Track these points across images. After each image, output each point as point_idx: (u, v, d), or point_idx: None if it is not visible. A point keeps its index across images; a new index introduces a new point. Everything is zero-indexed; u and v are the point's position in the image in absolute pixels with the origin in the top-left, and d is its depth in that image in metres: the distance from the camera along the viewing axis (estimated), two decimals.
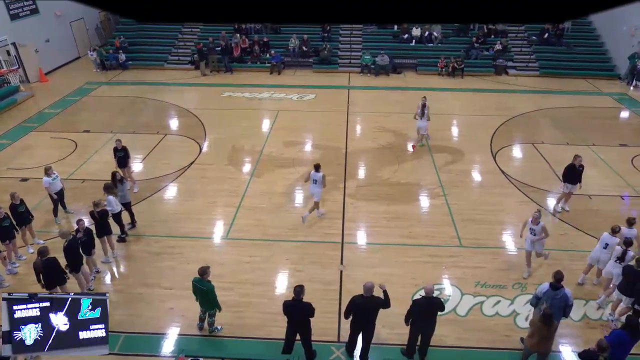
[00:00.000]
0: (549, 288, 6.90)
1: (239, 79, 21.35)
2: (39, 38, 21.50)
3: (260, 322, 7.96)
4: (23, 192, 10.30)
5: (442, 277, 9.05)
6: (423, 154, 14.08)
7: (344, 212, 11.04)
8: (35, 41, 21.15)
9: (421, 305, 6.78)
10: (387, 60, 21.94)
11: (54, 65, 22.82)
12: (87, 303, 5.43)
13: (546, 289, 6.93)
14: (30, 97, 19.01)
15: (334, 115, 17.06)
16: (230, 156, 13.87)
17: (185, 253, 9.69)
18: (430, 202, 11.63)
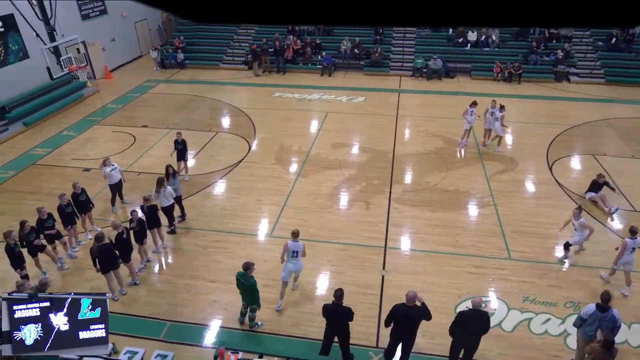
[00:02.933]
0: (596, 309, 6.50)
1: (290, 80, 21.66)
2: (105, 37, 22.83)
3: (299, 320, 8.02)
4: (85, 182, 10.98)
5: (488, 290, 8.73)
6: (473, 161, 13.66)
7: (388, 217, 10.92)
8: (103, 40, 22.48)
9: (467, 318, 6.56)
10: (440, 64, 21.49)
11: (118, 63, 24.14)
12: (87, 303, 5.40)
13: (592, 311, 6.55)
14: (95, 92, 20.22)
15: (383, 118, 16.92)
16: (277, 155, 14.09)
17: (230, 248, 9.94)
18: (479, 211, 11.26)
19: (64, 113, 17.97)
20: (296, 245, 8.02)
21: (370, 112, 17.67)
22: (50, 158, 14.35)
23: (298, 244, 8.02)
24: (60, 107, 18.16)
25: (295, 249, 8.02)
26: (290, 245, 8.01)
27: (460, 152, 14.27)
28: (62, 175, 13.18)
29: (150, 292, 8.90)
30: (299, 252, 8.06)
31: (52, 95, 18.44)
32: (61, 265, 9.44)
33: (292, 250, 8.01)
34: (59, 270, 9.40)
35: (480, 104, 14.33)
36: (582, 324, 6.71)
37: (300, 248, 8.04)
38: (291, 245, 8.01)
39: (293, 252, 8.02)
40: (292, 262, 8.07)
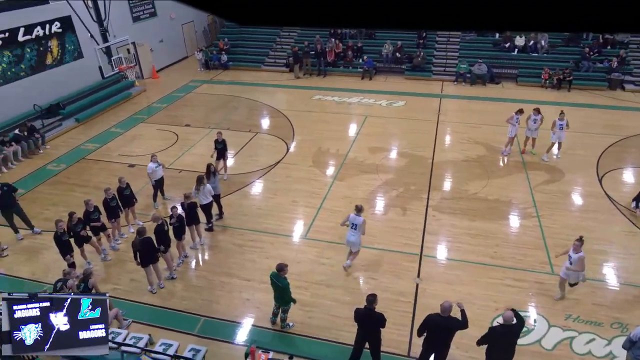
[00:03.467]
0: None
1: (330, 83, 21.73)
2: (154, 38, 23.73)
3: (330, 324, 8.01)
4: (129, 177, 11.44)
5: (528, 304, 8.40)
6: (516, 170, 13.21)
7: (425, 224, 10.73)
8: (151, 41, 23.38)
9: (498, 334, 6.35)
10: (485, 69, 20.95)
11: (165, 63, 25.03)
12: (87, 303, 5.43)
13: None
14: (142, 91, 21.04)
15: (423, 123, 16.67)
16: (315, 158, 14.16)
17: (265, 248, 10.07)
18: (521, 223, 10.87)
19: (112, 110, 18.80)
20: (356, 218, 8.67)
21: (410, 116, 17.46)
22: (99, 153, 15.05)
23: (358, 218, 8.66)
24: (110, 105, 19.01)
25: (354, 222, 8.70)
26: (350, 218, 8.77)
27: (503, 160, 13.85)
28: (109, 170, 13.79)
29: (187, 287, 9.15)
30: (358, 225, 8.65)
31: (102, 94, 19.35)
32: (104, 257, 9.87)
33: (352, 222, 8.74)
34: (102, 261, 9.83)
35: (526, 111, 13.86)
36: (631, 347, 6.36)
37: (359, 222, 8.63)
38: (351, 218, 8.74)
39: (352, 225, 8.75)
40: (350, 233, 8.83)
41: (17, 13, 15.93)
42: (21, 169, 14.09)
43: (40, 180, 13.37)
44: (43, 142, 15.49)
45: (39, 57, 17.17)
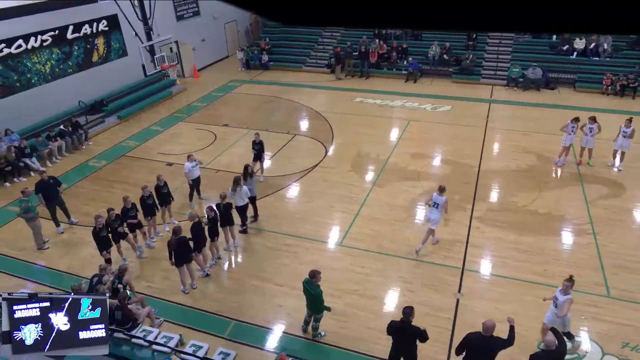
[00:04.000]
0: None
1: (373, 85, 21.65)
2: (196, 37, 24.49)
3: (363, 336, 7.95)
4: (167, 176, 11.82)
5: (580, 329, 8.02)
6: (571, 182, 12.67)
7: (468, 236, 10.47)
8: (193, 40, 24.14)
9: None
10: (540, 73, 20.25)
11: (206, 62, 25.75)
12: (87, 303, 5.51)
13: None
14: (183, 90, 21.73)
15: (470, 130, 16.29)
16: (354, 162, 14.13)
17: (299, 253, 10.13)
18: (574, 240, 10.40)
19: (153, 109, 19.52)
20: (438, 197, 9.59)
21: (456, 122, 17.12)
22: (139, 150, 15.66)
23: (441, 198, 9.55)
24: (151, 103, 19.76)
25: (437, 201, 9.62)
26: (433, 197, 9.71)
27: (557, 172, 13.31)
28: (148, 167, 14.31)
29: (219, 289, 9.34)
30: (440, 204, 9.56)
31: (144, 92, 20.15)
32: (140, 254, 10.24)
33: (434, 201, 9.68)
34: (137, 258, 10.20)
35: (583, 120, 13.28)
36: None
37: (442, 201, 9.53)
38: (434, 197, 9.68)
39: (434, 203, 9.68)
40: (431, 211, 9.79)
41: (67, 12, 16.87)
42: (64, 163, 14.86)
43: (81, 176, 14.05)
44: (86, 138, 16.29)
45: (86, 55, 18.09)
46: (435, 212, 9.66)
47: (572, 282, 7.28)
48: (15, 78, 15.52)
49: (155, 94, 20.42)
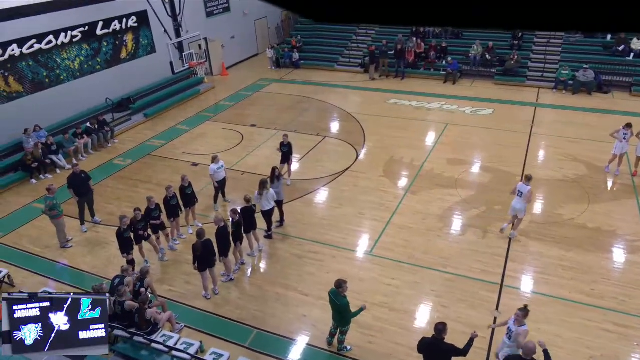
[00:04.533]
0: None
1: (408, 86, 21.49)
2: (226, 34, 24.94)
3: (392, 352, 7.86)
4: (192, 176, 12.05)
5: (631, 356, 7.69)
6: (625, 195, 12.20)
7: (508, 250, 10.22)
8: (223, 37, 24.59)
9: None
10: (592, 75, 19.61)
11: (235, 60, 26.17)
12: (87, 303, 5.68)
13: None
14: (211, 89, 22.15)
15: (513, 135, 15.93)
16: (386, 167, 14.04)
17: (326, 261, 10.12)
18: (627, 257, 10.00)
19: (180, 107, 19.97)
20: (523, 186, 9.98)
21: (498, 127, 16.77)
22: (164, 150, 16.03)
23: (526, 187, 9.90)
24: (178, 102, 20.23)
25: (521, 190, 9.99)
26: (518, 186, 10.13)
27: (608, 183, 12.85)
28: (173, 167, 14.63)
29: (241, 295, 9.43)
30: (524, 193, 9.89)
31: (171, 89, 20.65)
32: (162, 256, 10.46)
33: (518, 190, 10.07)
34: (159, 260, 10.42)
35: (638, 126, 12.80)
36: None
37: (526, 190, 9.86)
38: (519, 186, 10.11)
39: (518, 192, 10.04)
40: (516, 200, 10.11)
41: (97, 7, 17.49)
42: (90, 161, 15.37)
43: (106, 174, 14.50)
44: (112, 135, 16.81)
45: (115, 51, 18.70)
46: (520, 201, 10.13)
47: (526, 311, 6.85)
48: (45, 74, 16.18)
49: (183, 92, 20.89)
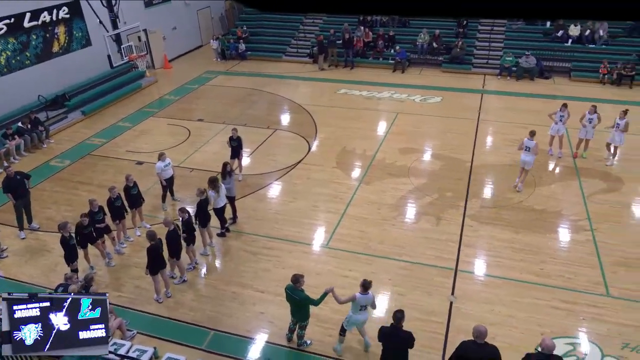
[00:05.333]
0: None
1: (358, 76, 21.71)
2: (167, 25, 24.23)
3: (352, 343, 7.98)
4: (137, 175, 11.67)
5: (578, 330, 8.19)
6: (568, 176, 12.90)
7: (461, 235, 10.59)
8: (164, 28, 23.87)
9: None
10: (534, 62, 20.55)
11: (178, 52, 25.49)
12: (87, 303, 5.73)
13: None
14: (153, 82, 21.48)
15: (462, 122, 16.46)
16: (339, 158, 14.16)
17: (282, 257, 10.11)
18: (572, 237, 10.61)
19: (121, 103, 19.25)
20: (529, 142, 9.72)
21: (447, 114, 17.28)
22: (105, 149, 15.42)
23: (531, 142, 9.52)
24: (118, 97, 19.49)
25: (528, 145, 9.59)
26: (525, 142, 9.62)
27: (553, 166, 13.53)
28: (115, 167, 14.11)
29: (196, 297, 9.27)
30: (531, 147, 9.60)
31: (111, 84, 19.85)
32: (108, 262, 10.09)
33: (525, 145, 9.65)
34: (106, 266, 10.05)
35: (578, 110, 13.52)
36: None
37: (532, 145, 9.50)
38: (526, 142, 9.60)
39: (526, 147, 9.67)
40: (524, 154, 9.89)
41: None
42: (24, 164, 14.54)
43: (43, 177, 13.78)
44: (47, 135, 15.98)
45: (45, 45, 17.73)
46: (528, 154, 10.65)
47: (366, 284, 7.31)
48: None
49: (123, 87, 20.13)
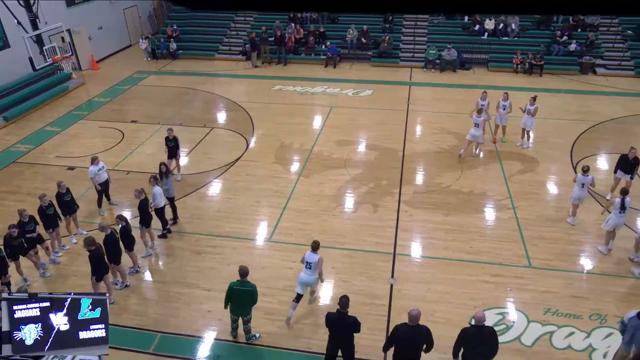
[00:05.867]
0: (635, 316, 6.56)
1: (291, 72, 21.67)
2: (92, 25, 22.92)
3: (300, 333, 8.02)
4: (69, 181, 11.02)
5: (506, 300, 8.70)
6: (490, 160, 13.63)
7: (397, 221, 10.91)
8: (89, 28, 22.57)
9: (470, 336, 6.42)
10: (455, 54, 21.45)
11: (106, 53, 24.22)
12: (87, 303, 5.64)
13: (632, 316, 6.61)
14: (81, 84, 20.30)
15: (392, 113, 16.90)
16: (277, 154, 14.10)
17: (226, 254, 9.95)
18: (496, 215, 11.23)
19: (47, 107, 18.04)
20: (477, 119, 10.86)
21: (378, 106, 17.66)
22: (32, 155, 14.41)
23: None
24: (44, 101, 18.23)
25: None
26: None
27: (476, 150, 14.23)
28: (45, 174, 13.23)
29: (140, 300, 8.93)
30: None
31: (34, 88, 18.52)
32: (43, 272, 9.48)
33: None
34: (41, 277, 9.43)
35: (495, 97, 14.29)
36: (624, 330, 6.77)
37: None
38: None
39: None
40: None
41: None
42: None
43: None
44: None
45: None
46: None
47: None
48: None
49: (49, 90, 18.86)
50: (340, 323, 6.72)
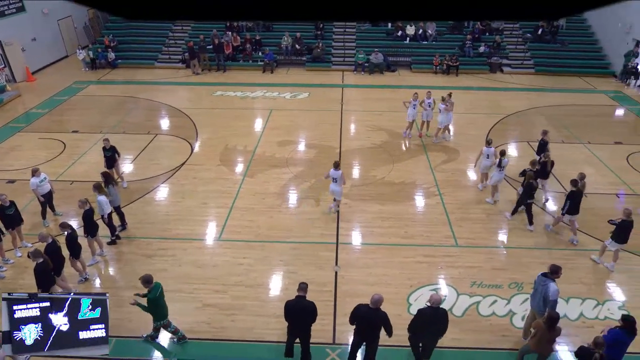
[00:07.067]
0: (540, 275, 7.14)
1: (231, 78, 21.30)
2: (25, 36, 21.31)
3: (253, 324, 7.94)
4: (10, 195, 10.19)
5: (438, 278, 9.08)
6: (418, 153, 14.13)
7: (338, 213, 11.05)
8: (22, 39, 20.96)
9: (426, 316, 6.57)
10: (381, 58, 21.99)
11: (41, 64, 22.62)
12: (87, 303, 5.52)
13: (539, 275, 7.18)
14: (17, 96, 18.83)
15: (328, 114, 17.07)
16: (222, 156, 13.82)
17: (177, 255, 9.64)
18: (426, 202, 11.67)
19: None
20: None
21: (314, 108, 17.77)
22: None
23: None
24: None
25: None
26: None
27: (405, 145, 14.71)
28: None
29: None
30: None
31: None
32: None
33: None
34: None
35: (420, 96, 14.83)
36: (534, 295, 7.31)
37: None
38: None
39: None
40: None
41: None
42: None
43: None
44: None
45: None
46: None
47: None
48: None
49: None
50: (300, 308, 6.62)
